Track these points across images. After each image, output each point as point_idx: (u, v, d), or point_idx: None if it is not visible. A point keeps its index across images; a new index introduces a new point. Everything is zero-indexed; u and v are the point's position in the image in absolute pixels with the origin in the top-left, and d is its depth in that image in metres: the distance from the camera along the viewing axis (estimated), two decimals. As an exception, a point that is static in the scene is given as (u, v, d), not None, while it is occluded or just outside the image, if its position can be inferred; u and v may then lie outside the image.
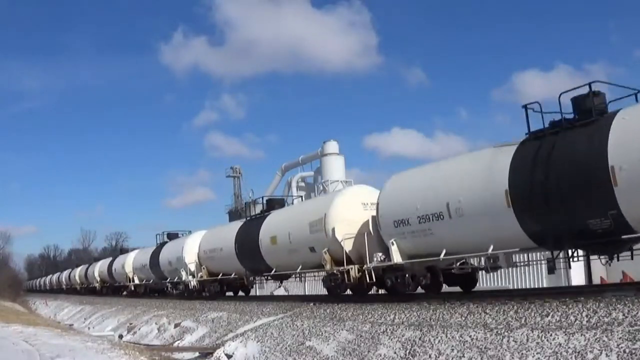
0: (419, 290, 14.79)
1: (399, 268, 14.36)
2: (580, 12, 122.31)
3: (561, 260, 11.14)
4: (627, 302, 8.74)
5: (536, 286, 20.51)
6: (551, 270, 11.65)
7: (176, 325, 20.13)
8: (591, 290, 11.59)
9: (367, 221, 15.88)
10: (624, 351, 7.30)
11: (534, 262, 16.33)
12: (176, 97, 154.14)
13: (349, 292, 17.38)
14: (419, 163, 17.58)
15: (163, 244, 32.82)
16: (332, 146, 43.87)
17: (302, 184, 46.38)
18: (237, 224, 23.81)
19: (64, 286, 64.06)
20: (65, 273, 66.29)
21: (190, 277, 26.75)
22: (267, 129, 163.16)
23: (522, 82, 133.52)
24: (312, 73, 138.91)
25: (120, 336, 22.76)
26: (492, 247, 11.73)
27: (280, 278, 21.98)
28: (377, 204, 14.90)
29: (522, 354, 8.45)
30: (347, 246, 16.03)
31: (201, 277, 25.90)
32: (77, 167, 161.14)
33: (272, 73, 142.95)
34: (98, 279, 47.25)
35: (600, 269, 19.77)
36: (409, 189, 14.11)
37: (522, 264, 15.16)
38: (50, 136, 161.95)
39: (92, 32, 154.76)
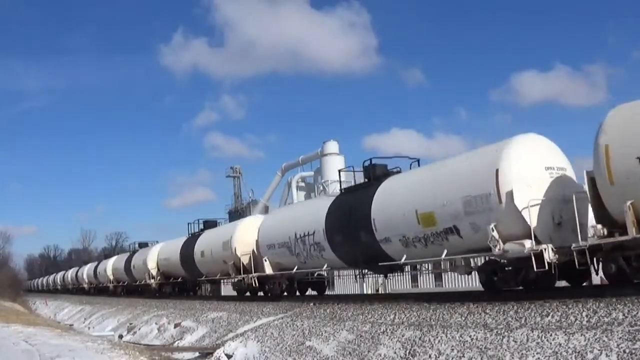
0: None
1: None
2: (578, 12, 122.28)
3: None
4: (627, 302, 8.74)
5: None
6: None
7: (176, 325, 20.13)
8: (591, 291, 11.58)
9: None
10: (624, 351, 7.30)
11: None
12: (176, 97, 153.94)
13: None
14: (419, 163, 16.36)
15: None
16: (332, 146, 43.83)
17: (302, 184, 46.33)
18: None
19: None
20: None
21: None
22: (267, 129, 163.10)
23: (521, 82, 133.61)
24: (312, 74, 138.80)
25: (120, 336, 22.76)
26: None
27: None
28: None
29: (522, 354, 8.45)
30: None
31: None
32: (77, 167, 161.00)
33: (271, 74, 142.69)
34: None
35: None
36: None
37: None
38: (51, 136, 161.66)
39: (93, 33, 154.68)
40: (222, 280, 26.80)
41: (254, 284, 21.18)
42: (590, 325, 8.38)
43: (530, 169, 11.40)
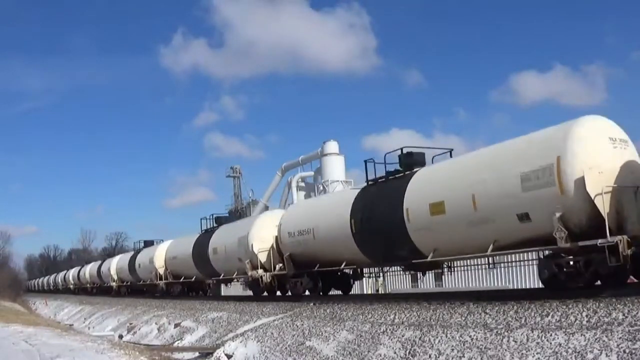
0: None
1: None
2: (577, 13, 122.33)
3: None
4: (627, 302, 8.73)
5: (536, 286, 20.49)
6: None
7: (176, 325, 20.13)
8: (591, 291, 11.57)
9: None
10: (624, 351, 7.30)
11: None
12: (176, 98, 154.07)
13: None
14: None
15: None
16: (332, 146, 43.80)
17: (302, 184, 46.30)
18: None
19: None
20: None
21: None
22: (267, 129, 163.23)
23: (520, 82, 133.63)
24: (312, 74, 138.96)
25: (120, 336, 22.76)
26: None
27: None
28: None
29: (522, 354, 8.45)
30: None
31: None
32: (77, 167, 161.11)
33: (271, 74, 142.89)
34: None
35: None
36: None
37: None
38: (51, 136, 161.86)
39: (93, 34, 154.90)
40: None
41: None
42: (590, 325, 8.38)
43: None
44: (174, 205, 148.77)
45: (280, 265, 19.56)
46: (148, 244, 37.39)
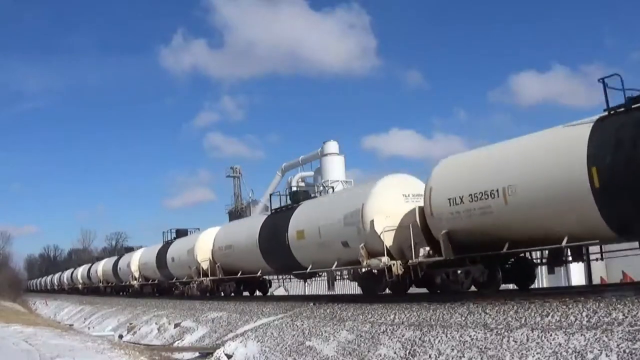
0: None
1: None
2: (576, 13, 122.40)
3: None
4: (627, 302, 8.74)
5: (536, 286, 20.51)
6: (551, 270, 11.67)
7: (176, 325, 20.13)
8: (591, 291, 11.59)
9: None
10: (624, 351, 7.30)
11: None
12: (176, 98, 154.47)
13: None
14: (418, 163, 17.37)
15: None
16: (332, 146, 43.87)
17: (302, 184, 46.34)
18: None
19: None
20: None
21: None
22: (267, 129, 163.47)
23: (519, 83, 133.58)
24: (311, 75, 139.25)
25: (120, 336, 22.76)
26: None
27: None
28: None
29: (522, 354, 8.45)
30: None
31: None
32: (77, 167, 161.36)
33: (271, 75, 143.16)
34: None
35: (600, 269, 19.79)
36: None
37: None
38: (51, 136, 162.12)
39: (93, 34, 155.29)
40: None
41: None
42: (590, 325, 8.38)
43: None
44: (174, 205, 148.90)
45: (428, 249, 15.98)
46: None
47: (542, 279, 20.81)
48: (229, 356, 14.11)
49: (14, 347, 13.98)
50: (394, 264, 14.10)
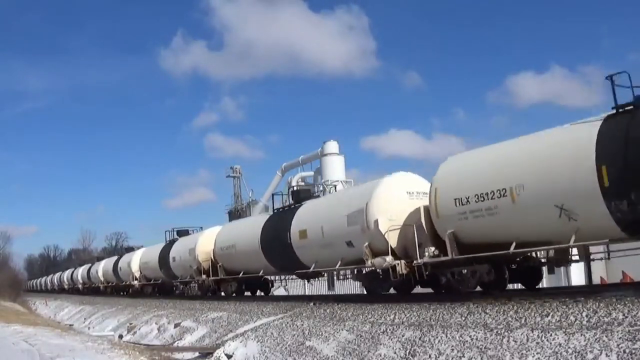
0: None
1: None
2: (574, 14, 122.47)
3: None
4: (627, 302, 8.74)
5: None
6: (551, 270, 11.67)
7: (176, 325, 20.13)
8: (591, 290, 11.58)
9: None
10: (624, 351, 7.30)
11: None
12: (176, 99, 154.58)
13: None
14: (417, 163, 17.25)
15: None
16: (332, 146, 43.79)
17: (302, 184, 46.30)
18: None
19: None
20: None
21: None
22: (267, 129, 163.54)
23: (517, 84, 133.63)
24: (311, 76, 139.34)
25: (120, 336, 22.75)
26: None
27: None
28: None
29: (522, 354, 8.45)
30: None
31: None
32: (77, 167, 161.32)
33: (271, 75, 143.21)
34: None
35: (600, 269, 19.78)
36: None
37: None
38: (51, 136, 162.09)
39: (94, 35, 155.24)
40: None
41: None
42: (590, 325, 8.38)
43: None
44: (174, 205, 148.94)
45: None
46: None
47: (542, 279, 20.80)
48: (229, 356, 14.11)
49: (14, 347, 13.98)
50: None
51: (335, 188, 40.14)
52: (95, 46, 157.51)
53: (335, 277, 20.65)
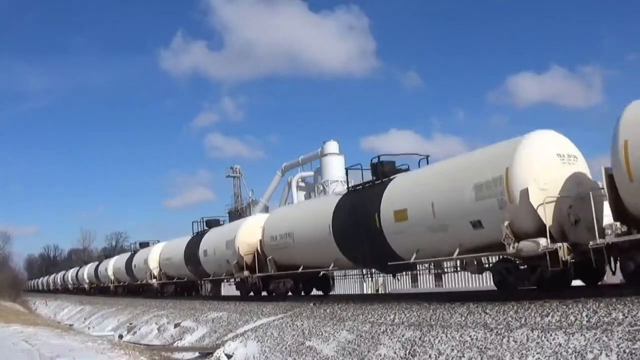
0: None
1: None
2: (574, 14, 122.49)
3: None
4: (627, 302, 8.73)
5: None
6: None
7: (176, 325, 20.13)
8: (591, 291, 11.57)
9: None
10: (624, 351, 7.30)
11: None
12: (176, 99, 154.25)
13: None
14: (417, 164, 16.11)
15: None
16: (332, 146, 43.82)
17: (302, 184, 46.35)
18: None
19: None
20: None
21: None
22: (267, 130, 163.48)
23: (517, 84, 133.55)
24: (311, 76, 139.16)
25: (120, 336, 22.75)
26: None
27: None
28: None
29: (522, 354, 8.45)
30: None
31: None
32: (77, 167, 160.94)
33: (270, 76, 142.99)
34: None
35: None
36: None
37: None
38: (51, 136, 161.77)
39: (94, 35, 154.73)
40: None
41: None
42: (590, 325, 8.37)
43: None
44: (173, 205, 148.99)
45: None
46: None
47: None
48: (229, 356, 14.11)
49: (14, 347, 13.98)
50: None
51: (325, 189, 40.17)
52: (95, 46, 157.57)
53: (444, 269, 15.66)
